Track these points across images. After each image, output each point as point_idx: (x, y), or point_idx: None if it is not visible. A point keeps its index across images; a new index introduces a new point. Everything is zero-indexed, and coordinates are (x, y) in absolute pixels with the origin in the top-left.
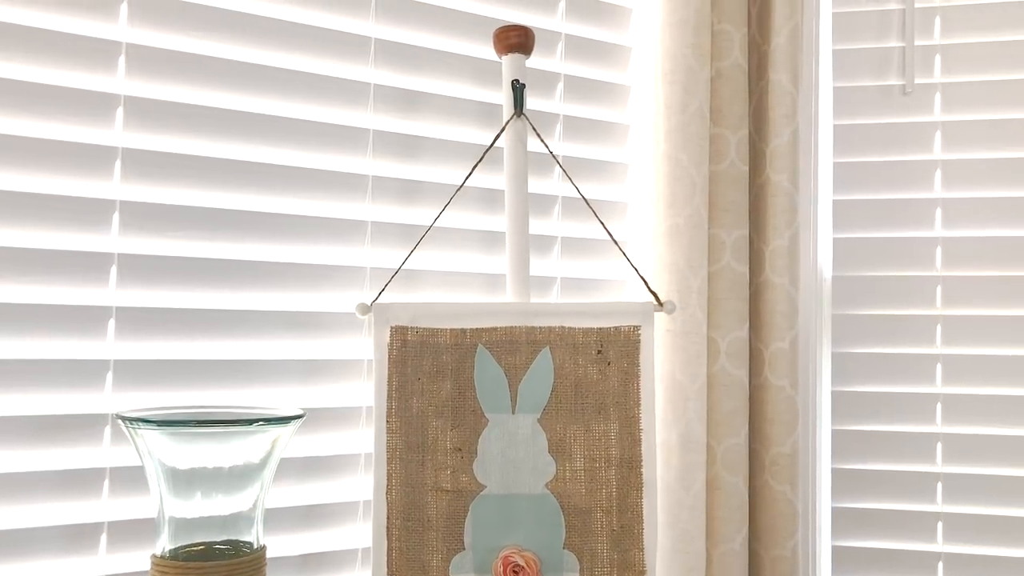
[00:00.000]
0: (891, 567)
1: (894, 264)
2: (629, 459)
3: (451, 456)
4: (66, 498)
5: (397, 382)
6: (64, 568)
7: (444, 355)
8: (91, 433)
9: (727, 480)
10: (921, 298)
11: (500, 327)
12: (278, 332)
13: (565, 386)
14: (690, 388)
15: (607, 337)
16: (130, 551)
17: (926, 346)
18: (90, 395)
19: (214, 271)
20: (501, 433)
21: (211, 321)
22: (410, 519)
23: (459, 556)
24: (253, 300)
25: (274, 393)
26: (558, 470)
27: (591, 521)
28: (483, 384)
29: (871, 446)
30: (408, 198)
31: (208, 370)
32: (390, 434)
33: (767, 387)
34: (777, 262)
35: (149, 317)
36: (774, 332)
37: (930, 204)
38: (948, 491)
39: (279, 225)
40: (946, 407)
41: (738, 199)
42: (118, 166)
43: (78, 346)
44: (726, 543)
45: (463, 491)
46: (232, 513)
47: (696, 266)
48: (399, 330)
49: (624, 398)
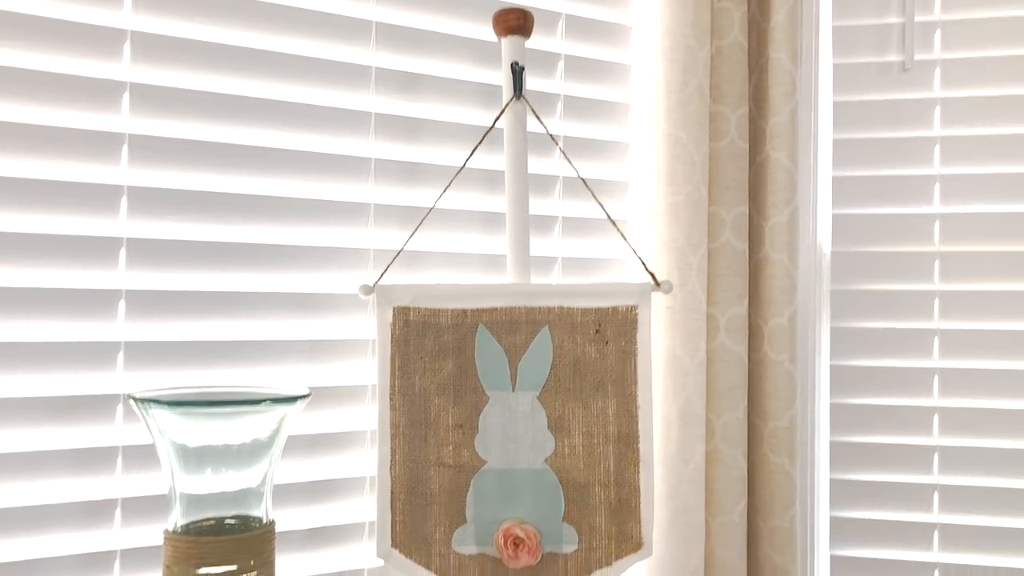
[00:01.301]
0: (889, 538)
1: (892, 240)
2: (626, 435)
3: (453, 432)
4: (81, 475)
5: (400, 361)
6: (82, 542)
7: (445, 335)
8: (104, 412)
9: (726, 453)
10: (919, 273)
11: (500, 307)
12: (284, 313)
13: (564, 364)
14: (690, 363)
15: (605, 317)
16: (144, 526)
17: (924, 321)
18: (102, 376)
19: (220, 253)
20: (501, 410)
21: (218, 302)
22: (413, 493)
23: (461, 529)
24: (259, 282)
25: (280, 372)
26: (557, 446)
27: (589, 495)
28: (484, 363)
29: (869, 419)
30: (410, 180)
31: (216, 350)
32: (393, 411)
33: (766, 362)
34: (776, 238)
35: (157, 299)
36: (773, 308)
37: (929, 180)
38: (944, 463)
39: (284, 208)
40: (943, 381)
41: (738, 176)
42: (125, 151)
43: (89, 328)
44: (725, 515)
45: (465, 466)
46: (241, 489)
47: (696, 243)
48: (401, 310)
49: (622, 376)
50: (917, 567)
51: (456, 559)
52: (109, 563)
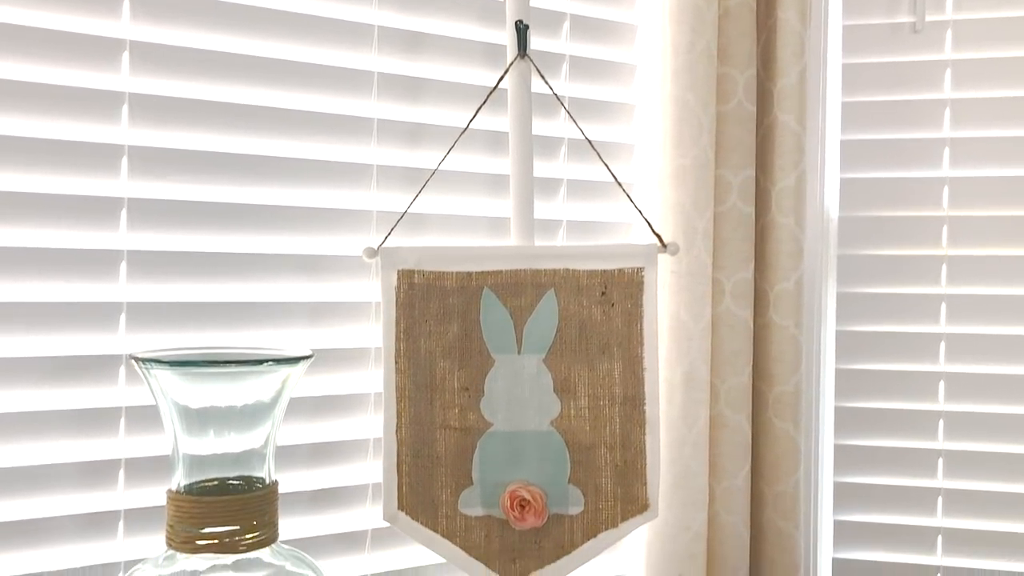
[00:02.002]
0: (892, 503)
1: (900, 204)
2: (632, 397)
3: (459, 395)
4: (84, 436)
5: (405, 324)
6: (85, 502)
7: (450, 298)
8: (106, 373)
9: (730, 418)
10: (927, 238)
11: (505, 270)
12: (286, 275)
13: (569, 327)
14: (694, 328)
15: (611, 279)
16: (147, 487)
17: (931, 286)
18: (104, 337)
19: (222, 215)
20: (507, 373)
21: (220, 264)
22: (419, 456)
23: (467, 491)
24: (261, 243)
25: (283, 335)
26: (563, 408)
27: (595, 457)
28: (489, 325)
29: (874, 384)
30: (413, 141)
31: (218, 312)
32: (399, 374)
33: (771, 327)
34: (783, 202)
35: (159, 260)
36: (779, 272)
37: (938, 144)
38: (949, 429)
39: (286, 169)
40: (949, 346)
41: (745, 139)
42: (125, 111)
43: (91, 289)
44: (728, 479)
45: (471, 428)
46: (244, 450)
47: (702, 207)
48: (406, 273)
49: (627, 338)
50: (921, 532)
51: (462, 521)
52: (113, 523)
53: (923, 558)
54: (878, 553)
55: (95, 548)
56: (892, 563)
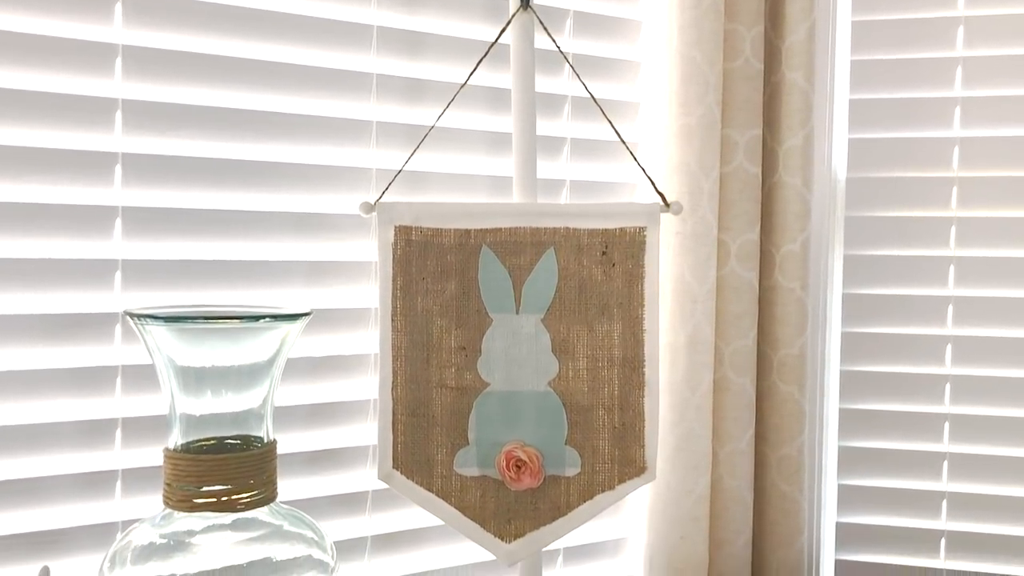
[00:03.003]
0: (897, 468)
1: (910, 165)
2: (632, 359)
3: (455, 354)
4: (80, 395)
5: (402, 282)
6: (82, 461)
7: (448, 255)
8: (102, 331)
9: (734, 381)
10: (936, 199)
11: (504, 228)
12: (285, 233)
13: (569, 287)
14: (699, 290)
15: (612, 238)
16: (145, 446)
17: (939, 248)
18: (100, 295)
19: (218, 171)
20: (505, 332)
21: (217, 221)
22: (415, 415)
23: (463, 451)
24: (259, 201)
25: (281, 294)
26: (561, 369)
27: (593, 419)
28: (487, 284)
29: (880, 348)
30: (413, 97)
31: (215, 270)
32: (395, 333)
33: (777, 289)
34: (790, 162)
35: (155, 217)
36: (786, 234)
37: (949, 103)
38: (956, 394)
39: (283, 124)
40: (957, 310)
41: (752, 98)
42: (119, 64)
43: (86, 246)
44: (732, 443)
45: (467, 388)
46: (242, 410)
47: (708, 167)
48: (403, 230)
49: (628, 299)
50: (925, 497)
51: (458, 481)
52: (110, 483)
53: (928, 523)
54: (882, 518)
55: (93, 508)
56: (896, 528)
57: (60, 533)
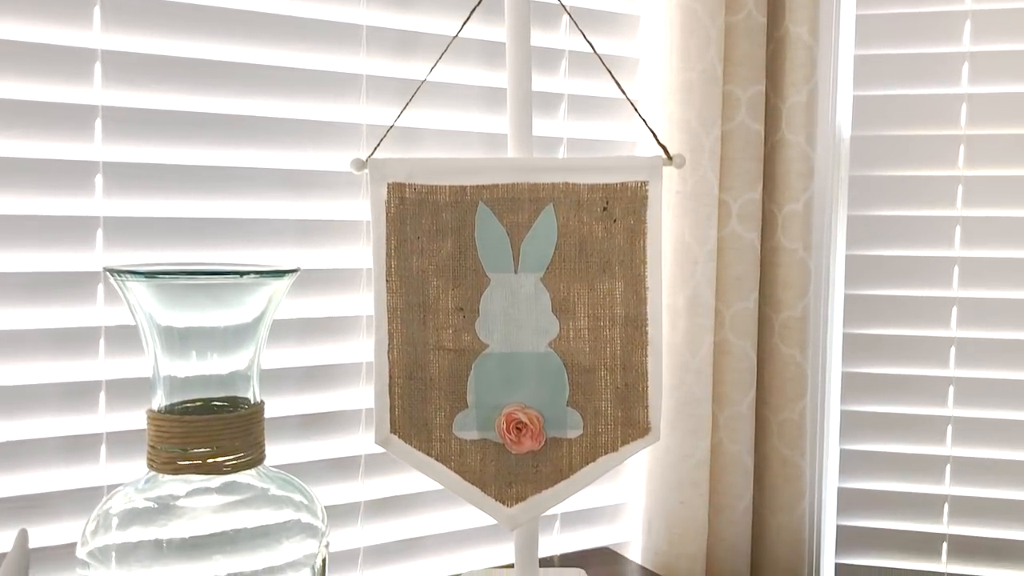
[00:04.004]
0: (901, 432)
1: (916, 123)
2: (634, 318)
3: (453, 315)
4: (62, 357)
5: (396, 241)
6: (65, 425)
7: (444, 213)
8: (84, 292)
9: (735, 344)
10: (942, 158)
11: (501, 184)
12: (273, 191)
13: (569, 244)
14: (699, 251)
15: (613, 193)
16: (130, 410)
17: (945, 208)
18: (81, 253)
19: (203, 125)
20: (503, 292)
21: (202, 178)
22: (412, 378)
23: (462, 414)
24: (246, 157)
25: (270, 254)
26: (561, 329)
27: (595, 379)
28: (484, 243)
29: (884, 310)
30: (405, 51)
31: (201, 229)
32: (390, 294)
33: (779, 250)
34: (794, 119)
35: (138, 173)
36: (788, 193)
37: (957, 58)
38: (960, 357)
39: (271, 78)
40: (963, 271)
41: (754, 53)
42: (97, 13)
43: (65, 203)
44: (733, 406)
45: (465, 350)
46: (228, 372)
47: (709, 124)
48: (396, 187)
49: (630, 256)
50: (929, 461)
51: (457, 444)
52: (94, 447)
53: (931, 487)
54: (885, 483)
55: (77, 472)
56: (899, 492)
57: (43, 498)
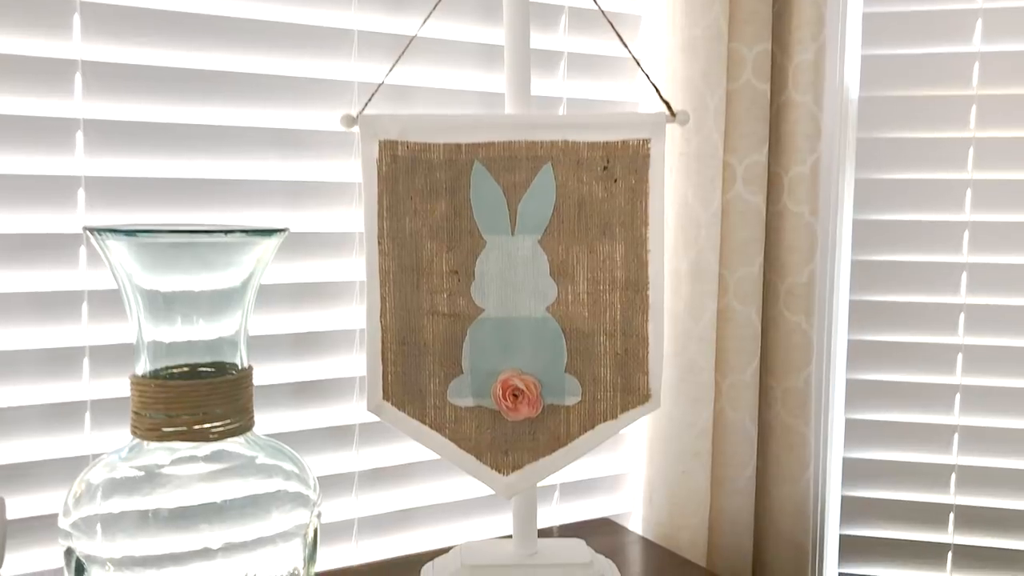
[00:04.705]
0: (907, 401)
1: (925, 83)
2: (635, 282)
3: (447, 279)
4: (43, 321)
5: (388, 201)
6: (48, 392)
7: (438, 172)
8: (65, 254)
9: (739, 311)
10: (953, 119)
11: (498, 142)
12: (261, 150)
13: (568, 205)
14: (703, 215)
15: (614, 152)
16: (115, 376)
17: (956, 171)
18: (62, 215)
19: (188, 81)
20: (500, 255)
21: (187, 136)
22: (406, 343)
23: (457, 380)
24: (233, 115)
25: (259, 216)
26: (560, 293)
27: (594, 345)
28: (480, 203)
29: (892, 276)
30: (398, 5)
31: (186, 190)
32: (382, 256)
33: (785, 214)
34: (800, 79)
35: (120, 131)
36: (795, 155)
37: (969, 16)
38: (970, 324)
39: (259, 33)
40: (973, 235)
41: (760, 9)
42: None
43: (45, 161)
44: (736, 374)
45: (460, 315)
46: (215, 338)
47: (714, 83)
48: (388, 145)
49: (631, 217)
50: (936, 430)
51: (452, 411)
52: (78, 414)
53: (938, 457)
54: (891, 452)
55: (61, 441)
56: (905, 462)
57: (24, 467)
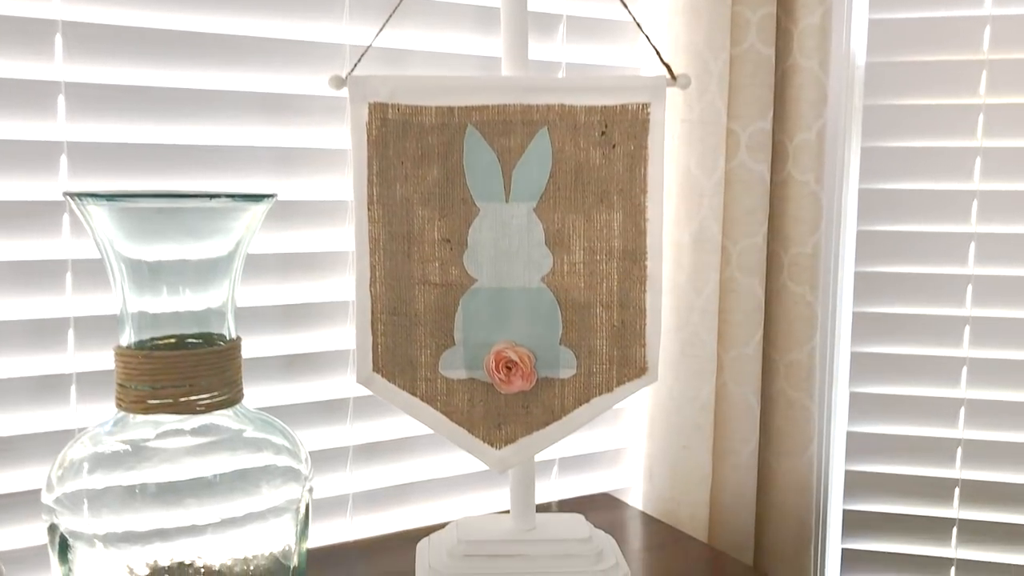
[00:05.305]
0: (914, 373)
1: (934, 48)
2: (633, 251)
3: (439, 248)
4: (26, 292)
5: (378, 167)
6: (32, 365)
7: (430, 136)
8: (48, 222)
9: (742, 282)
10: (963, 85)
11: (492, 105)
12: (249, 115)
13: (564, 171)
14: (706, 184)
15: (612, 116)
16: (102, 348)
17: (965, 138)
18: (43, 181)
19: (174, 44)
20: (493, 223)
21: (173, 101)
22: (396, 313)
23: (449, 352)
24: (220, 79)
25: (246, 184)
26: (555, 263)
27: (590, 316)
28: (473, 169)
29: (899, 246)
30: None
31: (171, 156)
32: (372, 224)
33: (790, 183)
34: (806, 43)
35: (103, 95)
36: (800, 122)
37: None
38: (978, 293)
39: None
40: (982, 206)
41: None
42: None
43: (25, 127)
44: (738, 347)
45: (453, 285)
46: (202, 309)
47: (717, 48)
48: (378, 107)
49: (630, 185)
50: (942, 403)
51: (444, 384)
52: (64, 387)
53: (944, 431)
54: (895, 426)
55: (46, 415)
56: (910, 436)
57: (8, 441)
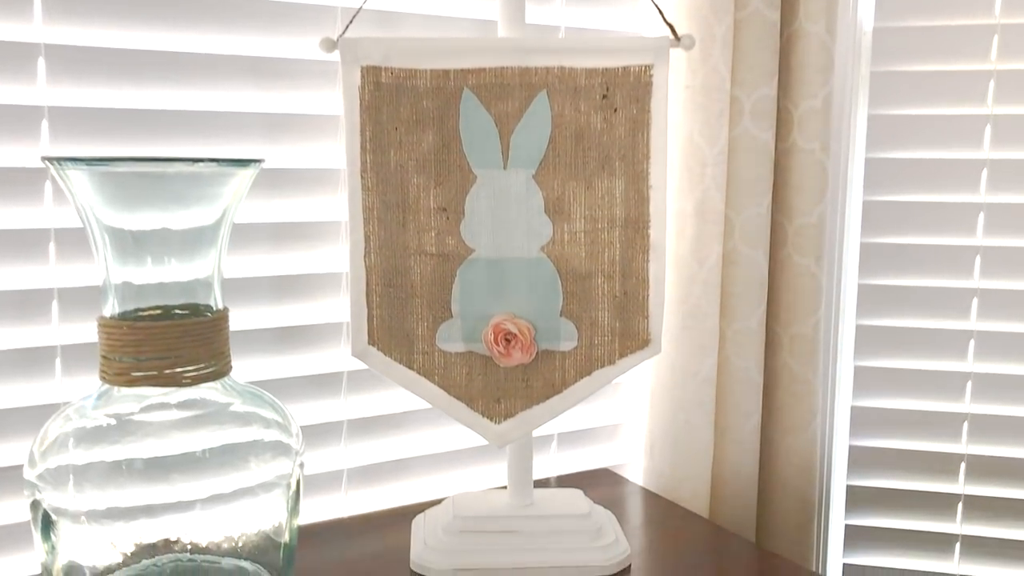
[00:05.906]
0: (919, 346)
1: (944, 13)
2: (635, 219)
3: (435, 217)
4: (8, 262)
5: (371, 132)
6: (15, 337)
7: (424, 100)
8: (30, 189)
9: (745, 254)
10: (973, 51)
11: (489, 68)
12: (237, 80)
13: (564, 137)
14: (709, 152)
15: (614, 79)
16: (87, 320)
17: (975, 105)
18: (23, 147)
19: (158, 4)
20: (491, 191)
21: (157, 64)
22: (392, 285)
23: (446, 324)
24: (207, 42)
25: (236, 151)
26: (555, 232)
27: (591, 287)
28: (470, 135)
29: (905, 217)
30: None
31: (157, 121)
32: (366, 192)
33: (795, 151)
34: (812, 6)
35: (85, 57)
36: (805, 89)
37: None
38: (986, 265)
39: None
40: (992, 173)
41: None
42: None
43: (3, 90)
44: (741, 320)
45: (450, 255)
46: (189, 280)
47: (721, 11)
48: (371, 70)
49: (632, 150)
50: (949, 378)
51: (441, 357)
52: (48, 360)
53: (950, 406)
54: (901, 401)
55: (30, 388)
56: (916, 411)
57: None
